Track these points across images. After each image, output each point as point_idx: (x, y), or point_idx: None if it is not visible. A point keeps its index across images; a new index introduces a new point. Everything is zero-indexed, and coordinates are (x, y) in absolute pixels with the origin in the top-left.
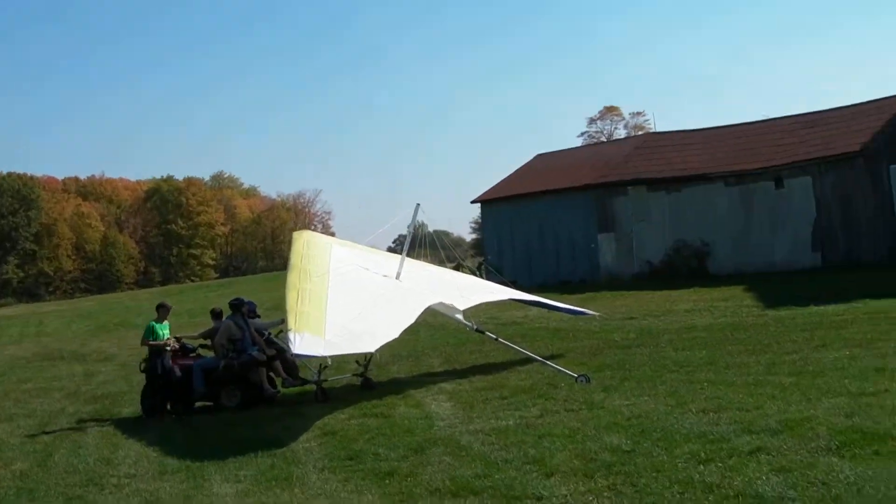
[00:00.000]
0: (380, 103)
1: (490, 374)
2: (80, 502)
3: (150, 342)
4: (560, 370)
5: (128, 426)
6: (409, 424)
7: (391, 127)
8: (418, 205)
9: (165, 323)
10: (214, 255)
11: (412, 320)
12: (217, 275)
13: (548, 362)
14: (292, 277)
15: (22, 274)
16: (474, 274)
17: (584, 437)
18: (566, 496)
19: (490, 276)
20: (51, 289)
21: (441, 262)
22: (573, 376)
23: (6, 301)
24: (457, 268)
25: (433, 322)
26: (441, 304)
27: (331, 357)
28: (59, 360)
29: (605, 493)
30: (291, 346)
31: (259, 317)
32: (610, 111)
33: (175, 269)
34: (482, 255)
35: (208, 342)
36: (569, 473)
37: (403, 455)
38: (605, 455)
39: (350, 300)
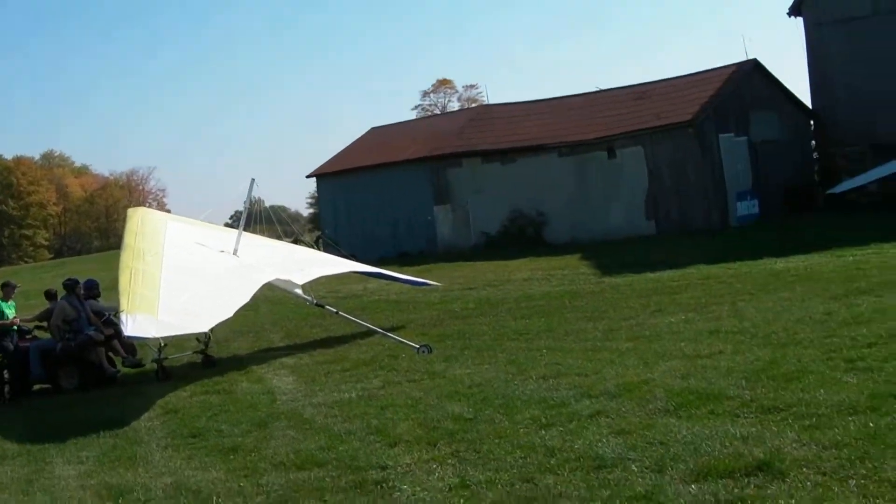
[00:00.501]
0: (209, 75)
1: (331, 347)
2: None
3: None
4: (401, 341)
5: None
6: (251, 400)
7: (222, 99)
8: (253, 179)
9: (11, 302)
10: (48, 235)
11: (247, 299)
12: (51, 255)
13: (389, 334)
14: (125, 257)
15: None
16: (312, 248)
17: (427, 407)
18: (410, 465)
19: (328, 250)
20: None
21: (279, 237)
22: (414, 347)
23: None
24: (295, 242)
25: (273, 297)
26: (279, 279)
27: (170, 335)
28: None
29: (449, 461)
30: (123, 328)
31: (99, 295)
32: (443, 84)
33: (7, 251)
34: (320, 230)
35: (44, 324)
36: (412, 442)
37: (247, 430)
38: (448, 423)
39: (185, 279)
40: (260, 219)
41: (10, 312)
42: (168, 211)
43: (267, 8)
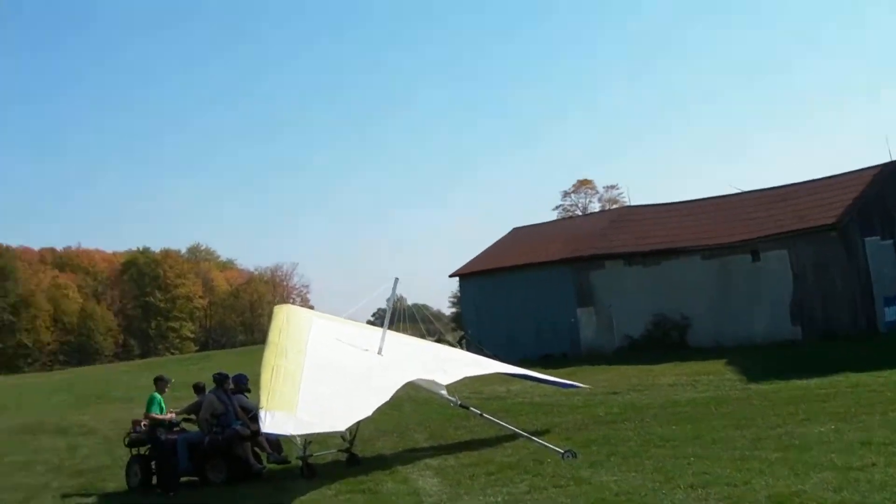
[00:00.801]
0: (357, 177)
1: (476, 449)
2: None
3: (156, 416)
4: (546, 446)
5: (113, 501)
6: (396, 501)
7: (368, 200)
8: (397, 279)
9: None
10: (193, 327)
11: (387, 398)
12: (197, 348)
13: (534, 438)
14: (268, 354)
15: (0, 346)
16: (455, 347)
17: None
18: None
19: (471, 350)
20: (29, 360)
21: (422, 336)
22: (560, 452)
23: None
24: (438, 342)
25: (417, 397)
26: (422, 379)
27: (307, 434)
28: (40, 433)
29: None
30: (261, 425)
31: (249, 390)
32: (583, 184)
33: (154, 342)
34: (462, 329)
35: (192, 417)
36: None
37: None
38: None
39: (326, 377)
40: (403, 317)
41: (163, 406)
42: (311, 307)
43: (414, 122)
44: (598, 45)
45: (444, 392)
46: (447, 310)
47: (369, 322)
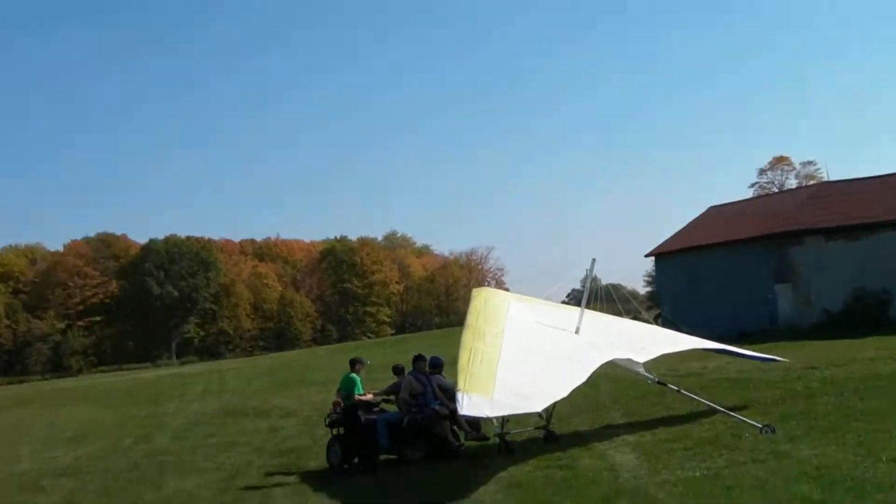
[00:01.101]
0: (548, 160)
1: (673, 425)
2: None
3: (359, 397)
4: (744, 420)
5: (315, 480)
6: (594, 476)
7: (561, 182)
8: (594, 259)
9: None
10: (390, 312)
11: (584, 379)
12: (393, 331)
13: (731, 413)
14: (466, 337)
15: (203, 333)
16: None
17: (773, 488)
18: None
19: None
20: (230, 347)
21: (617, 315)
22: (758, 426)
23: (188, 359)
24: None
25: (613, 374)
26: (619, 358)
27: (503, 415)
28: (242, 416)
29: None
30: (459, 407)
31: (442, 370)
32: (780, 161)
33: (351, 327)
34: (657, 308)
35: (391, 398)
36: None
37: None
38: None
39: (523, 359)
40: (598, 297)
41: (360, 388)
42: (506, 289)
43: (607, 100)
44: (811, 18)
45: (641, 370)
46: (641, 289)
47: (564, 303)
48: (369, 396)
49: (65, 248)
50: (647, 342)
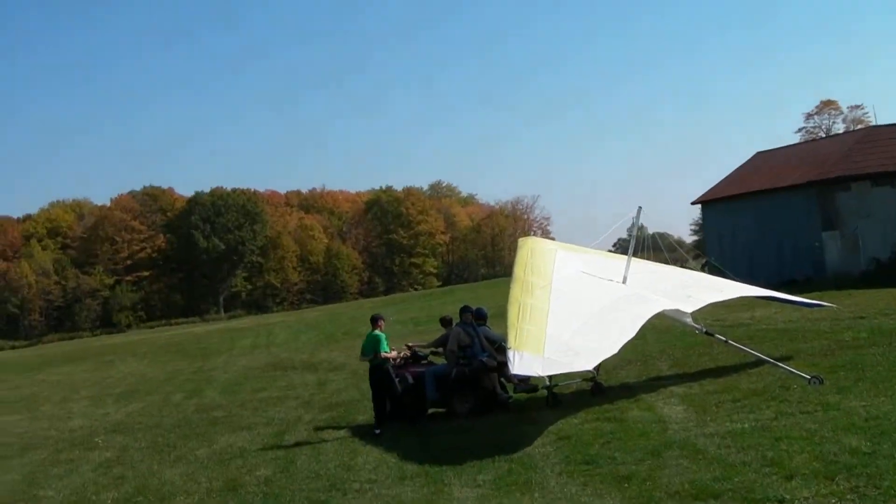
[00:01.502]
0: (594, 105)
1: (720, 376)
2: None
3: (385, 354)
4: (792, 371)
5: (364, 433)
6: (642, 428)
7: (605, 129)
8: (640, 207)
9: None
10: (436, 263)
11: (634, 333)
12: (439, 283)
13: (779, 364)
14: (514, 290)
15: (250, 286)
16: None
17: (822, 440)
18: (808, 499)
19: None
20: (278, 300)
21: (665, 264)
22: (806, 378)
23: (236, 313)
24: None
25: (659, 325)
26: (667, 309)
27: (555, 373)
28: (290, 370)
29: (848, 496)
30: (510, 366)
31: (487, 320)
32: (827, 105)
33: (398, 279)
34: (704, 256)
35: (440, 350)
36: (809, 476)
37: (640, 458)
38: (845, 457)
39: (572, 312)
40: (645, 246)
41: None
42: (552, 239)
43: (648, 35)
44: None
45: (689, 320)
46: (688, 237)
47: (610, 252)
48: (394, 354)
49: (112, 202)
50: (694, 290)
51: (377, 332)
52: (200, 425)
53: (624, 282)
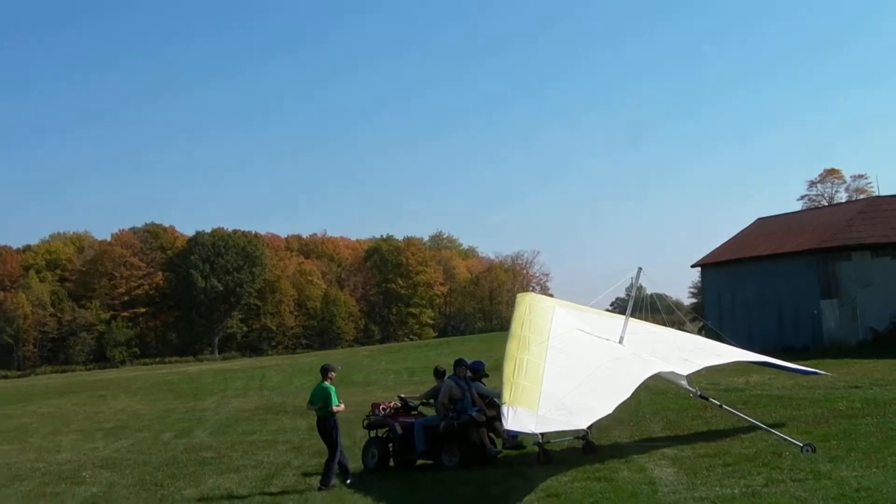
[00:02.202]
0: (598, 166)
1: (713, 440)
2: None
3: (335, 408)
4: (785, 438)
5: (353, 481)
6: (632, 489)
7: (607, 189)
8: (640, 268)
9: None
10: (433, 314)
11: (629, 394)
12: (436, 334)
13: (772, 430)
14: (511, 346)
15: (246, 328)
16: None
17: None
18: None
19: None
20: (273, 343)
21: (662, 325)
22: (798, 445)
23: (231, 354)
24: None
25: (654, 386)
26: (663, 371)
27: (549, 431)
28: (282, 414)
29: None
30: (504, 421)
31: (486, 375)
32: (831, 174)
33: (394, 328)
34: (702, 320)
35: (430, 401)
36: None
37: None
38: None
39: (568, 371)
40: (643, 306)
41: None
42: (551, 295)
43: (652, 106)
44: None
45: (684, 383)
46: (686, 300)
47: (608, 311)
48: (342, 407)
49: (112, 237)
50: (691, 353)
51: (327, 384)
52: (189, 465)
53: (621, 342)
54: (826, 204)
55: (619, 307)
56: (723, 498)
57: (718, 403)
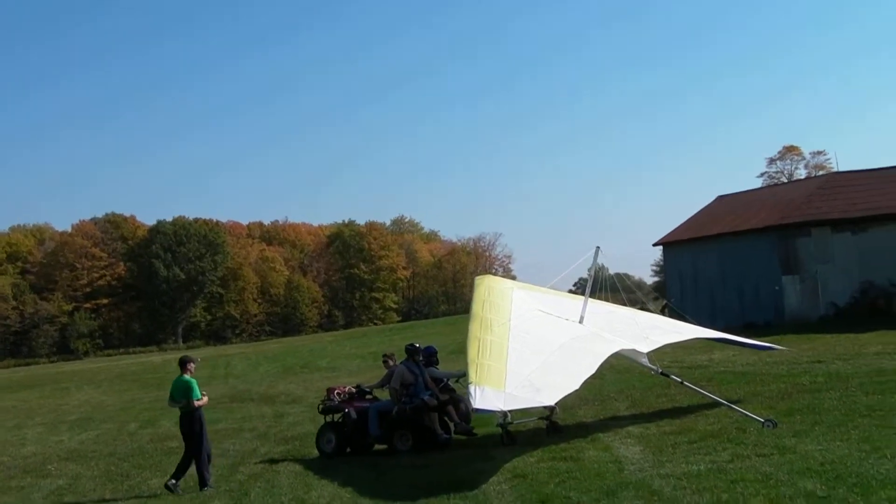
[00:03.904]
0: (560, 149)
1: (677, 417)
2: None
3: (199, 402)
4: (746, 414)
5: (319, 467)
6: (598, 468)
7: (570, 170)
8: (598, 248)
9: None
10: (396, 298)
11: (594, 370)
12: (399, 318)
13: (734, 406)
14: (473, 328)
15: (209, 317)
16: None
17: (778, 483)
18: None
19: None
20: (237, 331)
21: (623, 305)
22: (760, 420)
23: (195, 343)
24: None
25: (618, 365)
26: (624, 349)
27: (517, 409)
28: (248, 402)
29: None
30: (472, 401)
31: (437, 363)
32: (790, 151)
33: (358, 313)
34: (664, 298)
35: (386, 388)
36: None
37: (595, 499)
38: (800, 501)
39: (531, 350)
40: (604, 286)
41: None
42: (514, 277)
43: (624, 86)
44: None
45: (645, 360)
46: (649, 278)
47: (570, 292)
48: (205, 400)
49: (73, 228)
50: (651, 331)
51: (187, 376)
52: (155, 455)
53: (581, 322)
54: (786, 181)
55: (581, 288)
56: (689, 474)
57: (680, 380)
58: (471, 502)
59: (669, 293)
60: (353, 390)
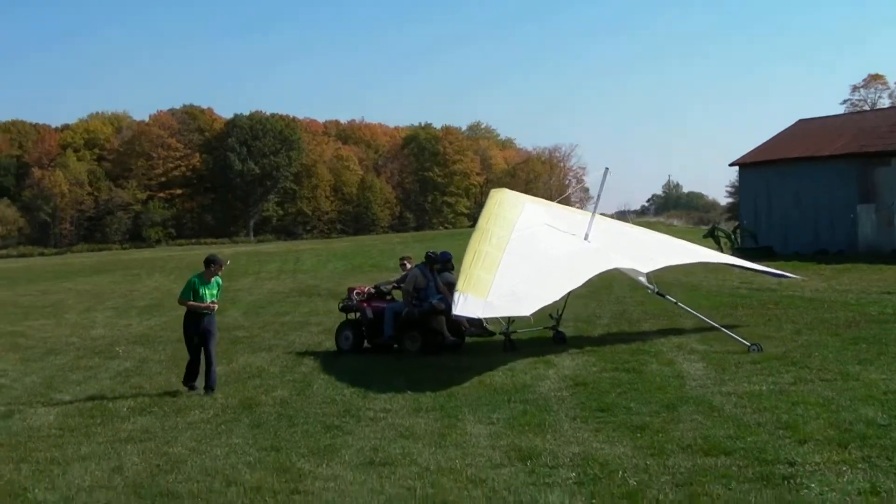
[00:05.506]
0: (640, 63)
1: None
2: (338, 432)
3: (189, 302)
4: (735, 338)
5: (382, 363)
6: (660, 381)
7: (650, 85)
8: (607, 169)
9: (213, 281)
10: (468, 203)
11: (578, 284)
12: (470, 224)
13: (722, 328)
14: (474, 238)
15: (281, 212)
16: (729, 238)
17: (839, 408)
18: (819, 464)
19: (746, 242)
20: (308, 227)
21: (695, 224)
22: (747, 345)
23: (265, 237)
24: (712, 230)
25: (687, 283)
26: (623, 267)
27: (495, 317)
28: (315, 297)
29: (859, 465)
30: (453, 307)
31: (454, 268)
32: (875, 79)
33: (429, 216)
34: (738, 220)
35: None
36: (822, 442)
37: (655, 411)
38: (860, 427)
39: (525, 262)
40: (677, 205)
41: (208, 293)
42: (586, 188)
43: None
44: None
45: (643, 279)
46: (723, 199)
47: (642, 207)
48: (198, 305)
49: (150, 118)
50: (656, 252)
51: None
52: (221, 343)
53: (586, 238)
54: (868, 109)
55: (655, 203)
56: (749, 394)
57: (674, 301)
58: (531, 406)
59: (743, 215)
60: (372, 290)
